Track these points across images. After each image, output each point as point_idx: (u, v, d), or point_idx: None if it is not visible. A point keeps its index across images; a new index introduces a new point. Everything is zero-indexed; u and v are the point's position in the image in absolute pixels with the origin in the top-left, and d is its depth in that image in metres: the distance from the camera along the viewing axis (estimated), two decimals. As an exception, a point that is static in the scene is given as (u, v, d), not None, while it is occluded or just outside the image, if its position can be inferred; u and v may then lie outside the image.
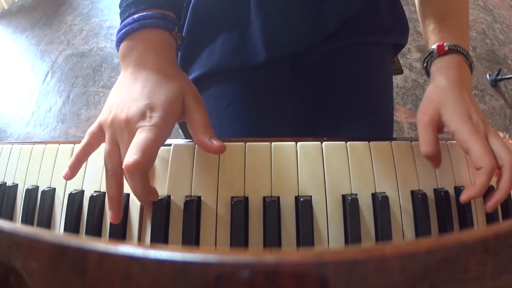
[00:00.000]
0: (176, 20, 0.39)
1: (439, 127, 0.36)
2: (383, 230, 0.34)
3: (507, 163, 0.32)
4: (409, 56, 1.57)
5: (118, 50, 0.38)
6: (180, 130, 0.60)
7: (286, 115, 0.52)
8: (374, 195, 0.35)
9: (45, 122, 1.49)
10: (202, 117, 0.34)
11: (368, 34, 0.54)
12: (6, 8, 2.05)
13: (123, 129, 0.31)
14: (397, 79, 1.48)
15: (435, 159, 0.36)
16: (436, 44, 0.41)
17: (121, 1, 0.40)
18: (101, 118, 0.34)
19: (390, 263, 0.16)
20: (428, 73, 0.43)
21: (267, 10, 0.50)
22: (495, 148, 0.33)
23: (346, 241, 0.34)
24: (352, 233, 0.33)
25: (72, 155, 0.38)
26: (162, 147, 0.34)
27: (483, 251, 0.17)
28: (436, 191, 0.36)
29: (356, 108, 0.51)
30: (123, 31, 0.37)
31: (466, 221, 0.35)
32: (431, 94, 0.38)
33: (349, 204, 0.34)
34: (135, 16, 0.37)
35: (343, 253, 0.15)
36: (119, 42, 0.38)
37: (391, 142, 0.38)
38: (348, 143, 0.37)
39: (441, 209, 0.35)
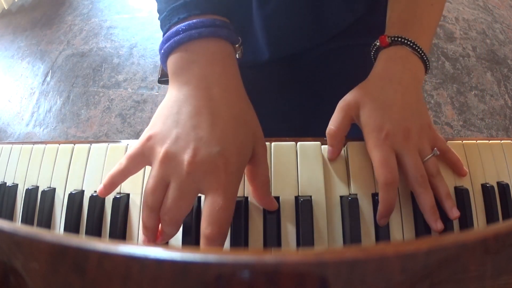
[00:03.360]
0: (237, 30, 0.33)
1: (352, 119, 0.36)
2: (383, 230, 0.34)
3: (409, 178, 0.33)
4: (409, 56, 1.57)
5: (164, 63, 0.31)
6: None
7: (284, 115, 0.52)
8: (374, 195, 0.35)
9: (45, 122, 1.49)
10: (267, 171, 0.31)
11: (367, 37, 0.55)
12: (6, 8, 2.05)
13: (185, 175, 0.26)
14: (397, 79, 1.47)
15: (334, 143, 0.35)
16: (380, 37, 0.38)
17: (161, 5, 0.32)
18: (145, 144, 0.28)
19: (390, 263, 0.16)
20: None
21: (268, 10, 0.50)
22: (405, 164, 0.33)
23: (346, 241, 0.34)
24: (352, 233, 0.33)
25: (71, 155, 0.38)
26: None
27: (483, 251, 0.17)
28: (436, 191, 0.36)
29: None
30: (175, 39, 0.29)
31: (466, 221, 0.35)
32: (362, 85, 0.37)
33: (349, 204, 0.34)
34: (191, 21, 0.29)
35: (343, 253, 0.15)
36: (167, 52, 0.30)
37: (391, 142, 0.37)
38: (348, 143, 0.37)
39: (440, 209, 0.35)
